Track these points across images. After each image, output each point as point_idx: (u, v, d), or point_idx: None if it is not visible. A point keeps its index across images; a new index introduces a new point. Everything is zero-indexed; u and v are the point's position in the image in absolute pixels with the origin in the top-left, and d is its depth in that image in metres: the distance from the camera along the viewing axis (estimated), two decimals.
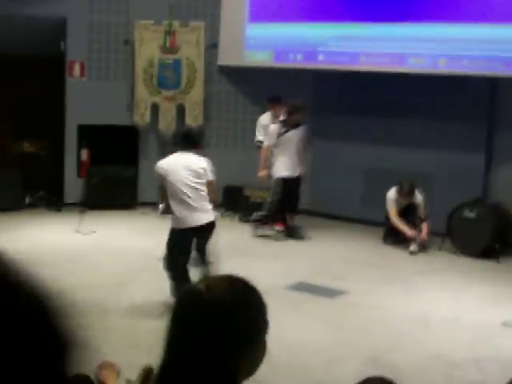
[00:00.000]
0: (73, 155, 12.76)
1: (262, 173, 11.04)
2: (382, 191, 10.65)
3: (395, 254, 10.27)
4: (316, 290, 8.36)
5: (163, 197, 7.77)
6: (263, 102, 12.08)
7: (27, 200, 12.73)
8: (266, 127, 11.23)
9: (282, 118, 10.96)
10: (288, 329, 6.95)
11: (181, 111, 12.98)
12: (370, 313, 7.65)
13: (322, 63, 11.90)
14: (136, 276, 8.30)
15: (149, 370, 2.32)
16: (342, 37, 11.62)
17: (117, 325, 6.98)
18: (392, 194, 10.59)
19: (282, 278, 8.73)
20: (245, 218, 12.01)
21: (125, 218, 11.72)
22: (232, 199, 12.71)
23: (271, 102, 11.44)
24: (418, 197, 10.56)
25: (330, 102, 12.16)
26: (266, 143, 10.93)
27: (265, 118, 11.53)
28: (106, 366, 3.04)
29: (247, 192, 12.20)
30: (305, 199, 11.69)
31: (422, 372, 6.22)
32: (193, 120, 12.98)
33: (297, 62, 12.12)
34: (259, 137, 11.48)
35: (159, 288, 7.55)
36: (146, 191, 12.95)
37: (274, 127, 10.84)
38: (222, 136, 13.12)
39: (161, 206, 11.70)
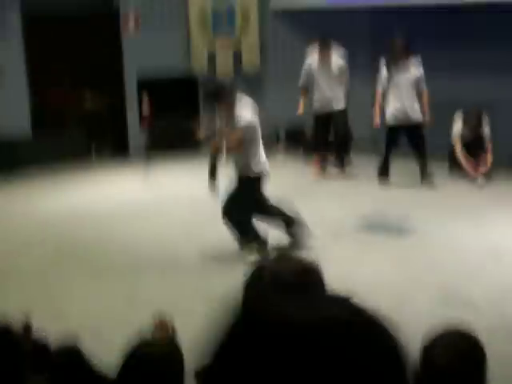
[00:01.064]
0: (135, 106, 12.84)
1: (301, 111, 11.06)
2: (446, 123, 10.44)
3: (462, 188, 10.12)
4: (385, 228, 8.32)
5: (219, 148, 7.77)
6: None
7: (93, 152, 12.91)
8: (309, 70, 11.01)
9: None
10: (358, 269, 6.95)
11: (238, 57, 12.94)
12: (440, 249, 7.58)
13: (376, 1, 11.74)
14: (206, 224, 8.33)
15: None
16: None
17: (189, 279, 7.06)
18: (457, 127, 10.39)
19: (349, 218, 8.69)
20: (303, 156, 12.03)
21: (189, 167, 11.75)
22: (294, 140, 12.70)
23: (322, 44, 10.90)
24: (486, 129, 10.34)
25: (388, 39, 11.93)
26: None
27: (310, 61, 11.06)
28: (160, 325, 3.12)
29: (309, 133, 12.15)
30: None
31: (495, 305, 6.16)
32: (250, 64, 12.92)
33: (350, 1, 11.96)
34: (302, 80, 11.11)
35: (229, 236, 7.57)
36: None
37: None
38: (279, 79, 13.02)
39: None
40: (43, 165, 11.84)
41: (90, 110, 13.18)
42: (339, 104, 10.93)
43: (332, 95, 10.88)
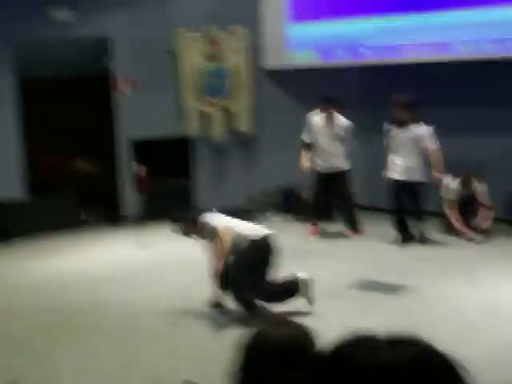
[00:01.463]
0: (127, 170, 12.82)
1: (305, 165, 11.00)
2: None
3: (457, 244, 10.12)
4: (379, 287, 8.26)
5: None
6: (311, 100, 12.01)
7: (84, 217, 12.87)
8: (316, 127, 10.99)
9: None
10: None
11: (230, 118, 13.00)
12: (436, 306, 7.51)
13: (366, 58, 11.83)
14: (201, 286, 8.26)
15: None
16: (385, 30, 11.53)
17: (187, 336, 6.96)
18: (448, 184, 10.44)
19: (344, 276, 8.65)
20: (299, 218, 12.00)
21: None
22: (289, 201, 12.70)
23: (325, 102, 10.91)
24: (478, 187, 10.38)
25: (377, 96, 12.02)
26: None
27: (313, 118, 11.09)
28: None
29: (301, 192, 12.15)
30: (362, 195, 11.60)
31: (495, 363, 6.07)
32: (243, 127, 12.97)
33: (341, 58, 12.05)
34: (304, 137, 11.11)
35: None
36: (202, 200, 12.96)
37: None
38: (274, 140, 13.02)
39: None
40: (35, 230, 11.79)
41: (82, 175, 13.19)
42: (343, 165, 10.87)
43: (335, 156, 10.84)
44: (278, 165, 12.79)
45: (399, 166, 10.23)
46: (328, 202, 11.15)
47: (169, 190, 12.73)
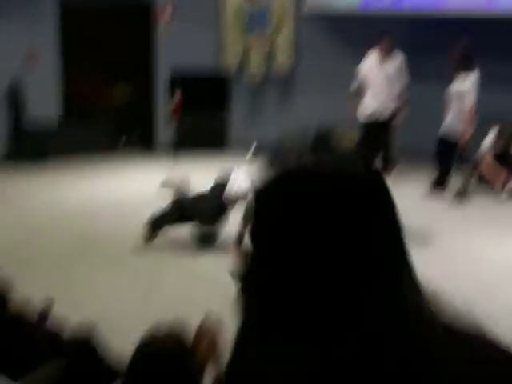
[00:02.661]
0: (164, 100, 12.84)
1: (353, 112, 10.87)
2: (480, 135, 10.31)
3: (487, 201, 10.07)
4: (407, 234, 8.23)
5: None
6: (350, 47, 11.88)
7: (121, 143, 12.96)
8: (363, 72, 10.76)
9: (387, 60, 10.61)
10: None
11: (270, 56, 12.91)
12: (461, 261, 7.51)
13: (410, 8, 11.64)
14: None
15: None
16: None
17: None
18: (489, 138, 10.27)
19: None
20: None
21: (215, 162, 11.75)
22: (323, 142, 12.64)
23: (380, 38, 10.58)
24: None
25: (421, 47, 11.80)
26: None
27: (365, 62, 10.81)
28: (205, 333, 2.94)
29: (338, 135, 12.05)
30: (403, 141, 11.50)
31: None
32: (282, 65, 12.89)
33: (384, 7, 11.85)
34: (355, 82, 10.89)
35: None
36: (236, 136, 12.98)
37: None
38: (313, 78, 12.94)
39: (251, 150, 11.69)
40: (70, 152, 11.91)
41: (120, 102, 13.22)
42: (391, 108, 10.69)
43: (388, 98, 10.64)
44: (315, 106, 12.71)
45: (447, 120, 10.08)
46: (374, 147, 10.94)
47: (203, 122, 12.76)
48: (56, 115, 12.43)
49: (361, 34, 11.60)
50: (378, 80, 10.62)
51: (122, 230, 8.21)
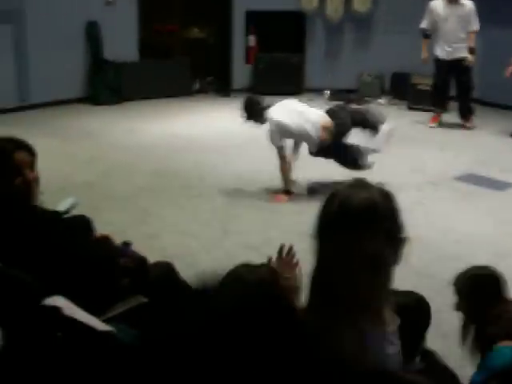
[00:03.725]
0: (240, 41, 12.79)
1: (425, 55, 10.70)
2: None
3: None
4: (484, 181, 8.13)
5: None
6: None
7: (196, 86, 12.99)
8: (433, 13, 10.51)
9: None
10: (456, 221, 6.83)
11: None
12: None
13: None
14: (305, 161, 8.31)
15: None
16: None
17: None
18: None
19: (450, 168, 8.55)
20: (412, 106, 11.84)
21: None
22: (399, 86, 12.50)
23: None
24: None
25: None
26: None
27: (434, 4, 10.55)
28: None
29: (415, 79, 11.89)
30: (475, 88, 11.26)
31: None
32: (361, 4, 12.70)
33: None
34: (424, 24, 10.66)
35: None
36: (312, 78, 12.91)
37: None
38: (390, 21, 12.77)
39: (327, 92, 11.65)
40: (147, 93, 12.02)
41: (196, 40, 13.22)
42: (464, 51, 10.40)
43: (458, 41, 10.38)
44: (392, 48, 12.54)
45: None
46: (446, 91, 10.80)
47: (280, 64, 12.69)
48: (132, 56, 12.46)
49: None
50: (449, 23, 10.41)
51: (197, 168, 8.28)
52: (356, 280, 2.01)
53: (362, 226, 2.01)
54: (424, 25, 10.64)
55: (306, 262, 2.37)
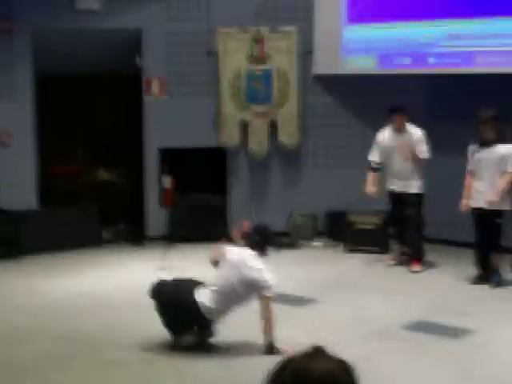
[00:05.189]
0: (154, 182, 12.83)
1: (371, 189, 10.92)
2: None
3: None
4: (438, 329, 8.15)
5: None
6: (367, 113, 11.98)
7: (106, 235, 12.91)
8: (381, 145, 10.89)
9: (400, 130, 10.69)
10: (409, 376, 6.79)
11: (273, 128, 12.97)
12: (502, 356, 7.41)
13: (432, 66, 11.76)
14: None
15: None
16: (454, 35, 11.47)
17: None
18: None
19: (397, 316, 8.57)
20: (351, 248, 11.93)
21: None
22: (335, 226, 12.62)
23: (394, 112, 10.72)
24: None
25: (443, 109, 11.91)
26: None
27: (381, 135, 10.97)
28: None
29: (352, 218, 12.04)
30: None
31: None
32: (287, 138, 12.93)
33: (404, 66, 11.98)
34: (372, 157, 11.00)
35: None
36: (237, 221, 12.94)
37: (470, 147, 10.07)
38: (322, 155, 13.00)
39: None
40: (49, 246, 11.88)
41: (103, 182, 13.25)
42: (415, 187, 10.75)
43: (408, 176, 10.72)
44: (326, 184, 12.74)
45: (482, 193, 9.91)
46: (400, 226, 10.98)
47: (200, 207, 12.73)
48: (31, 204, 12.39)
49: (378, 98, 11.72)
50: (396, 158, 10.75)
51: (110, 330, 8.13)
52: None
53: None
54: (372, 156, 10.96)
55: None
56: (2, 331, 8.21)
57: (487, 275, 10.04)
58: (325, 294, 9.42)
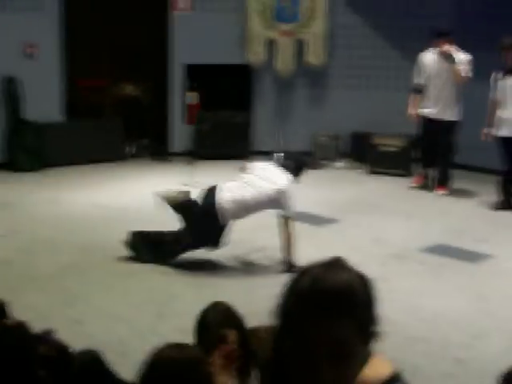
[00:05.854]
0: (179, 99, 12.83)
1: (413, 112, 10.87)
2: None
3: None
4: (456, 253, 8.21)
5: None
6: (395, 35, 11.88)
7: (130, 149, 12.95)
8: (424, 68, 10.74)
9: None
10: (425, 298, 6.86)
11: (300, 47, 12.91)
12: None
13: None
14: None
15: None
16: None
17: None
18: None
19: (417, 239, 8.62)
20: (373, 170, 11.94)
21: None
22: (359, 148, 12.61)
23: (440, 37, 10.52)
24: None
25: (476, 35, 11.76)
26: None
27: (425, 58, 10.79)
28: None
29: (376, 140, 12.03)
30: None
31: None
32: (314, 57, 12.87)
33: None
34: (417, 79, 10.84)
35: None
36: (260, 139, 12.97)
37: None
38: (348, 76, 12.94)
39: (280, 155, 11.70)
40: (73, 158, 11.95)
41: (129, 97, 13.23)
42: (452, 112, 10.67)
43: (448, 101, 10.63)
44: (350, 105, 12.70)
45: (506, 121, 9.90)
46: (434, 151, 10.93)
47: (224, 124, 12.73)
48: (57, 117, 12.44)
49: (405, 20, 11.60)
50: (439, 79, 10.65)
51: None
52: (319, 373, 1.98)
53: (335, 310, 1.97)
54: (416, 78, 10.85)
55: None
56: (26, 241, 8.33)
57: (510, 201, 10.05)
58: (345, 215, 9.47)
